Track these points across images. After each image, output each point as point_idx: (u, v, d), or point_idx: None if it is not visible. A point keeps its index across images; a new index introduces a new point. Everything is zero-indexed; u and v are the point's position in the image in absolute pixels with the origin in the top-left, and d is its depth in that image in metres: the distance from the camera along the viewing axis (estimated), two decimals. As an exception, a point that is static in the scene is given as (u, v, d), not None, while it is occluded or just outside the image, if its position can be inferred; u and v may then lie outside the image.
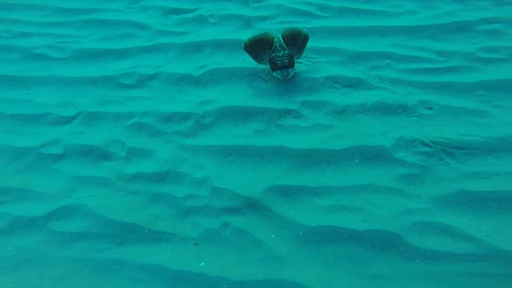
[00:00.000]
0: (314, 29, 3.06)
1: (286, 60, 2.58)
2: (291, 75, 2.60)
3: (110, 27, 3.38)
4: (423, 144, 2.15)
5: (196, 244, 1.85)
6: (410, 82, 2.55)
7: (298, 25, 3.10)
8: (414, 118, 2.32)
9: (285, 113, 2.43)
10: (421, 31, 2.96)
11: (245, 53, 2.71)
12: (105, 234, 1.91)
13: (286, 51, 2.63)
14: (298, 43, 2.68)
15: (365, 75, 2.63)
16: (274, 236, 1.84)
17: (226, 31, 3.20)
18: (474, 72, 2.58)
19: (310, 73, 2.67)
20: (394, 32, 2.98)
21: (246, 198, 1.98)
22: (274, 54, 2.62)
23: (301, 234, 1.83)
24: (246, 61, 2.82)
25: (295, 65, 2.66)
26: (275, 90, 2.61)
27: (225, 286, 1.67)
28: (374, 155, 2.13)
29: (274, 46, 2.66)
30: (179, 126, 2.43)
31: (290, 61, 2.59)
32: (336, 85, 2.59)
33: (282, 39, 2.70)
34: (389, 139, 2.19)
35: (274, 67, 2.60)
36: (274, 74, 2.62)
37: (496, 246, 1.69)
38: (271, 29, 3.14)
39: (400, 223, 1.81)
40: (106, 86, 2.79)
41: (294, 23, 3.19)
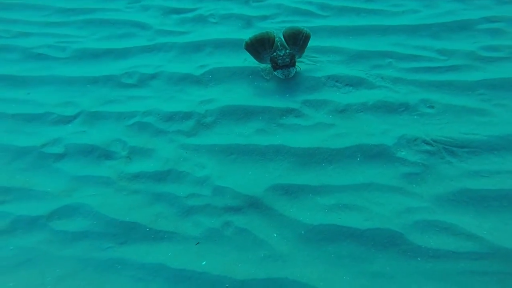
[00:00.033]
0: (315, 28, 3.05)
1: (287, 59, 2.58)
2: (292, 74, 2.60)
3: (110, 27, 3.38)
4: (425, 142, 2.15)
5: (197, 243, 1.85)
6: (411, 81, 2.55)
7: (299, 24, 3.10)
8: (415, 117, 2.32)
9: (286, 112, 2.43)
10: (422, 30, 2.95)
11: (246, 52, 2.71)
12: (107, 233, 1.92)
13: (288, 50, 2.63)
14: (299, 42, 2.68)
15: (366, 74, 2.63)
16: (275, 235, 1.84)
17: (227, 31, 3.19)
18: (475, 71, 2.58)
19: (311, 72, 2.67)
20: (395, 31, 2.98)
21: (248, 197, 1.98)
22: (275, 53, 2.62)
23: (302, 233, 1.83)
24: (247, 60, 2.82)
25: (296, 64, 2.65)
26: (277, 89, 2.61)
27: (226, 285, 1.67)
28: (376, 154, 2.13)
29: (275, 45, 2.66)
30: (181, 126, 2.43)
31: (291, 60, 2.58)
32: (337, 84, 2.59)
33: (283, 38, 2.70)
34: (390, 138, 2.19)
35: (275, 66, 2.60)
36: (275, 73, 2.62)
37: (497, 244, 1.69)
38: (272, 28, 3.14)
39: (401, 222, 1.81)
40: (107, 86, 2.79)
41: (295, 23, 3.19)
